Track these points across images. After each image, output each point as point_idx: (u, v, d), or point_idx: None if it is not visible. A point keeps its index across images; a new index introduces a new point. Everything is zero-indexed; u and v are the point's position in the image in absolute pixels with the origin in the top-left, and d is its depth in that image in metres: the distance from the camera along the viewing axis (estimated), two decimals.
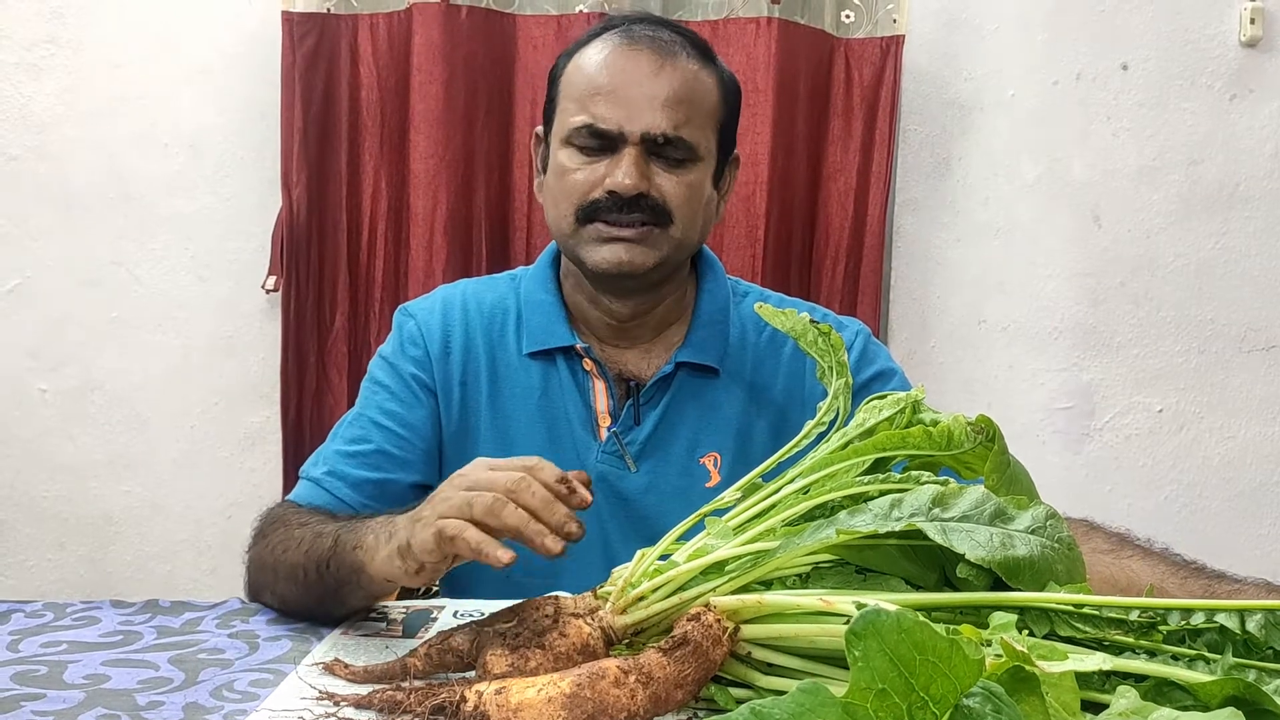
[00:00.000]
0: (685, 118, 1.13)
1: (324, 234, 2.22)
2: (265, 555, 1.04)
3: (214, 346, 2.32)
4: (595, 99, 1.13)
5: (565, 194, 1.15)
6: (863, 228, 2.25)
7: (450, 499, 0.82)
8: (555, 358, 1.22)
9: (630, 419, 1.20)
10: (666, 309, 1.23)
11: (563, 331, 1.21)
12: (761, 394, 1.23)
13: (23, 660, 0.87)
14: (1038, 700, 0.52)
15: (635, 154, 1.12)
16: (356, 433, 1.19)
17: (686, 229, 1.16)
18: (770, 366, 1.24)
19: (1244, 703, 0.56)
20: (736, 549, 0.80)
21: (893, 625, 0.49)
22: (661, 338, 1.24)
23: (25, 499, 2.32)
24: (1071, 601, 0.69)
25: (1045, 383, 2.36)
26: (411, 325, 1.24)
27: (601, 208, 1.13)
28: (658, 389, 1.21)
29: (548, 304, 1.23)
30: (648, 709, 0.71)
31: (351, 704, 0.75)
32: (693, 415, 1.21)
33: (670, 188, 1.14)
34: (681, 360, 1.21)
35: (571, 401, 1.21)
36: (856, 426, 0.89)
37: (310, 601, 0.97)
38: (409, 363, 1.22)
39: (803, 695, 0.46)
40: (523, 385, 1.22)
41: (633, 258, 1.14)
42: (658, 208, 1.13)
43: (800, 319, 1.00)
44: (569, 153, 1.15)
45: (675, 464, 1.20)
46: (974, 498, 0.78)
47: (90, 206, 2.28)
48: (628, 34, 1.16)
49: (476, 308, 1.25)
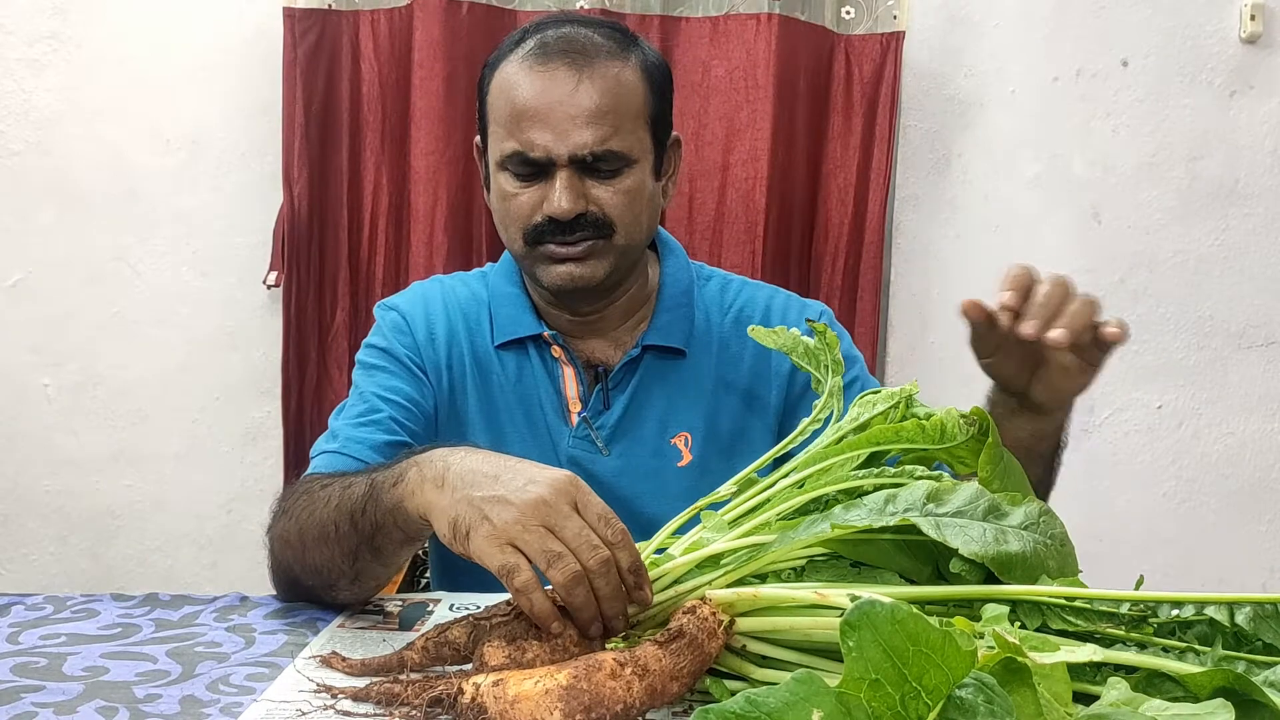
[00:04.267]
0: (612, 128, 1.12)
1: (325, 230, 2.23)
2: (289, 528, 1.01)
3: (215, 342, 2.32)
4: (520, 125, 1.12)
5: (511, 219, 1.16)
6: (863, 224, 2.26)
7: (527, 531, 0.78)
8: (526, 346, 1.23)
9: (599, 404, 1.22)
10: (628, 299, 1.25)
11: (529, 321, 1.23)
12: (729, 373, 1.25)
13: (23, 652, 0.87)
14: (1029, 691, 0.52)
15: (566, 176, 1.12)
16: (364, 407, 1.17)
17: (630, 234, 1.17)
18: (737, 345, 1.25)
19: (1234, 694, 0.57)
20: (732, 542, 0.81)
21: (887, 616, 0.49)
22: (626, 324, 1.26)
23: (28, 493, 2.33)
24: (1063, 595, 0.70)
25: None
26: (394, 315, 1.25)
27: (546, 230, 1.14)
28: (625, 373, 1.22)
29: (514, 296, 1.25)
30: (644, 701, 0.72)
31: (349, 697, 0.75)
32: (661, 397, 1.23)
33: (608, 199, 1.14)
34: (648, 344, 1.22)
35: (544, 388, 1.22)
36: (850, 421, 0.90)
37: (342, 559, 0.94)
38: (400, 347, 1.22)
39: (797, 685, 0.47)
40: (500, 374, 1.23)
41: (583, 273, 1.15)
42: (599, 222, 1.14)
43: (790, 335, 1.00)
44: (505, 177, 1.15)
45: (646, 445, 1.22)
46: (968, 494, 0.78)
47: (92, 202, 2.29)
48: (541, 49, 1.13)
49: (454, 299, 1.26)
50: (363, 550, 0.94)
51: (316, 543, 0.96)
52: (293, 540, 1.00)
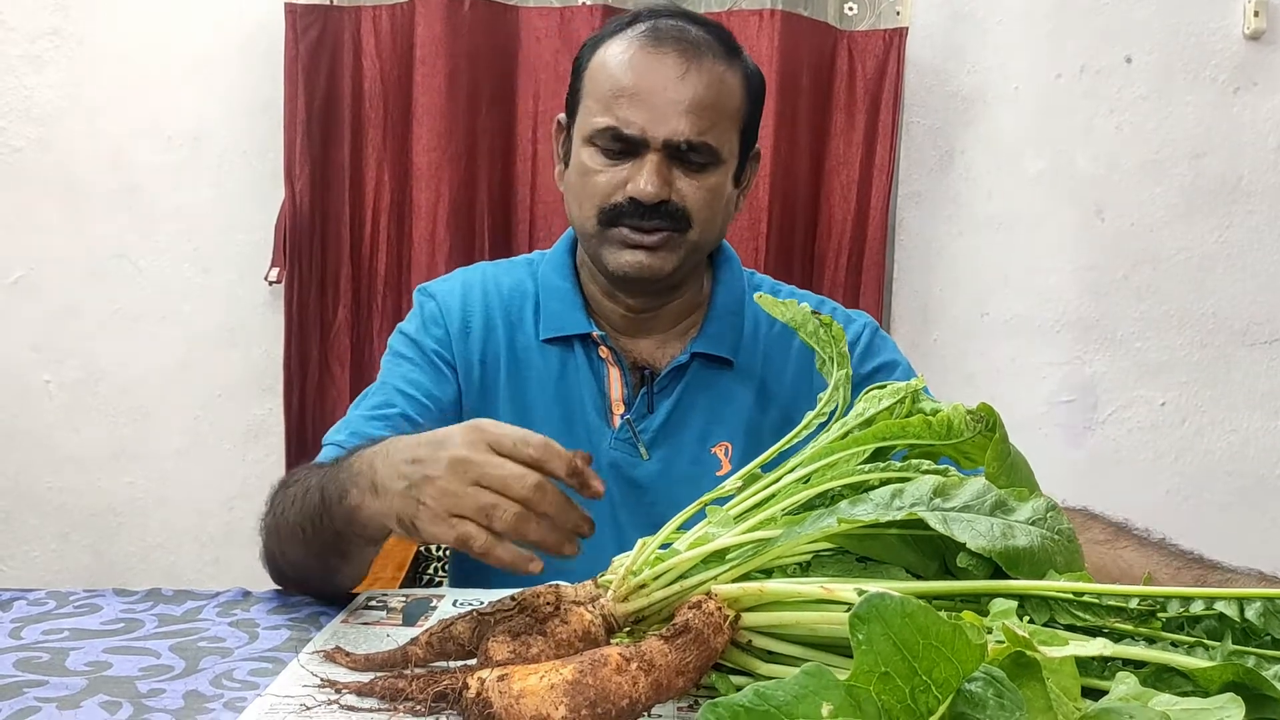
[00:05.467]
0: (710, 123, 1.12)
1: (326, 227, 2.23)
2: (271, 522, 1.03)
3: (217, 338, 2.32)
4: (619, 101, 1.11)
5: (588, 195, 1.15)
6: (865, 221, 2.25)
7: (460, 496, 0.80)
8: (572, 344, 1.22)
9: (644, 407, 1.21)
10: (682, 302, 1.24)
11: (579, 319, 1.22)
12: (771, 386, 1.24)
13: (25, 647, 0.87)
14: (1039, 685, 0.52)
15: (657, 160, 1.11)
16: (380, 399, 1.18)
17: (705, 232, 1.16)
18: (780, 359, 1.24)
19: (1243, 688, 0.56)
20: (737, 537, 0.80)
21: (897, 610, 0.49)
22: (677, 328, 1.25)
23: (29, 490, 2.33)
24: (1071, 589, 0.69)
25: (1048, 376, 2.36)
26: (432, 305, 1.25)
27: (624, 212, 1.13)
28: (672, 378, 1.21)
29: (565, 291, 1.23)
30: (649, 696, 0.71)
31: (353, 691, 0.75)
32: (705, 405, 1.22)
33: (691, 193, 1.13)
34: (696, 351, 1.22)
35: (587, 388, 1.21)
36: (856, 416, 0.89)
37: (314, 560, 0.97)
38: (431, 340, 1.22)
39: (806, 678, 0.46)
40: (540, 369, 1.22)
41: (652, 263, 1.14)
42: (678, 214, 1.13)
43: (801, 310, 1.00)
44: (591, 152, 1.14)
45: (687, 452, 1.21)
46: (975, 489, 0.78)
47: (93, 199, 2.28)
48: (654, 33, 1.13)
49: (496, 290, 1.25)
50: (329, 553, 0.96)
51: (290, 542, 0.99)
52: (273, 535, 1.03)
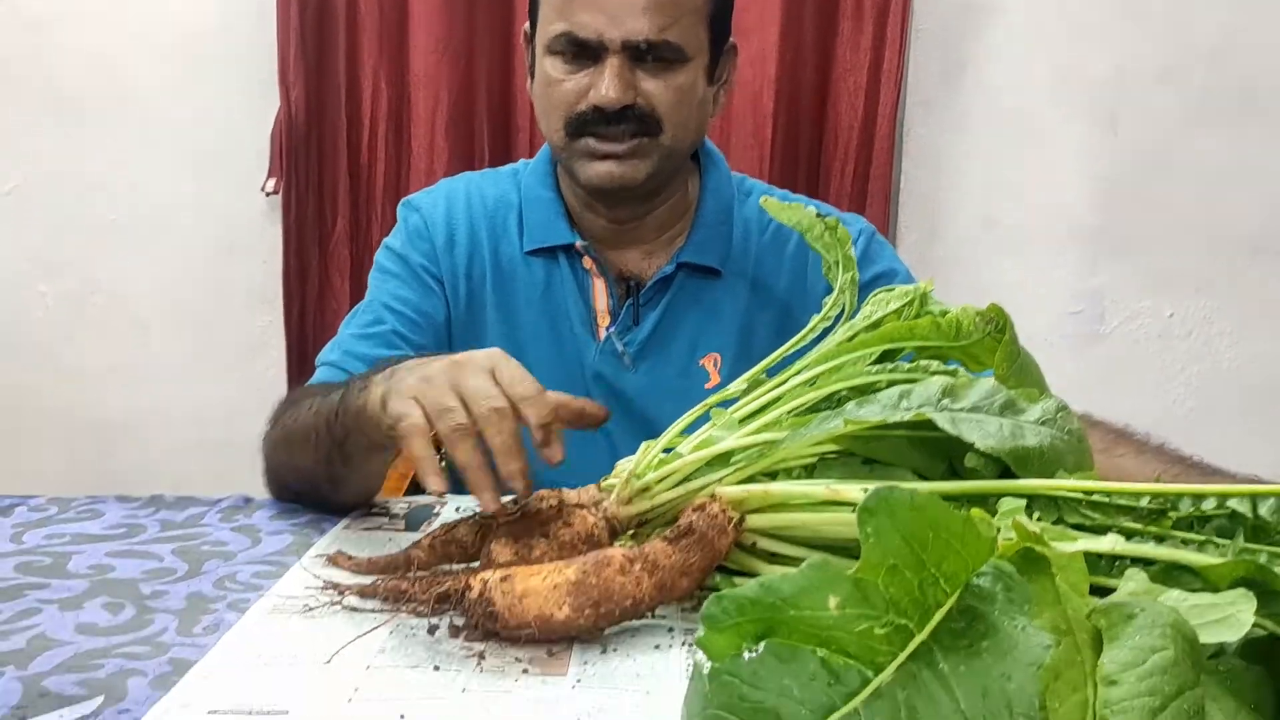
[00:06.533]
0: (670, 19, 1.06)
1: (323, 135, 2.19)
2: (278, 435, 1.02)
3: (215, 250, 2.30)
4: (572, 5, 1.06)
5: (553, 106, 1.11)
6: (873, 129, 2.21)
7: (432, 388, 0.78)
8: (557, 255, 1.20)
9: (629, 319, 1.19)
10: (667, 210, 1.21)
11: (562, 229, 1.19)
12: (764, 293, 1.21)
13: (26, 551, 0.87)
14: (1048, 580, 0.51)
15: (618, 64, 1.06)
16: (370, 317, 1.16)
17: (678, 135, 1.12)
18: (773, 264, 1.22)
19: (1254, 584, 0.55)
20: (742, 440, 0.79)
21: (906, 502, 0.48)
22: (663, 237, 1.22)
23: (31, 404, 2.33)
24: (1081, 489, 0.68)
25: (1056, 286, 2.34)
26: (416, 218, 1.22)
27: (589, 121, 1.09)
28: (657, 290, 1.19)
29: (547, 201, 1.21)
30: (653, 596, 0.71)
31: (355, 594, 0.74)
32: (693, 317, 1.20)
33: (659, 94, 1.09)
34: (683, 261, 1.19)
35: (572, 300, 1.19)
36: (863, 319, 0.88)
37: (320, 465, 0.95)
38: (416, 254, 1.20)
39: (812, 570, 0.45)
40: (526, 282, 1.20)
41: (624, 172, 1.11)
42: (646, 117, 1.09)
43: (807, 213, 0.98)
44: (552, 61, 1.10)
45: (674, 365, 1.19)
46: (984, 389, 0.76)
47: (86, 109, 2.24)
48: None
49: (480, 201, 1.23)
50: (335, 455, 0.93)
51: (299, 447, 0.97)
52: (280, 446, 1.01)
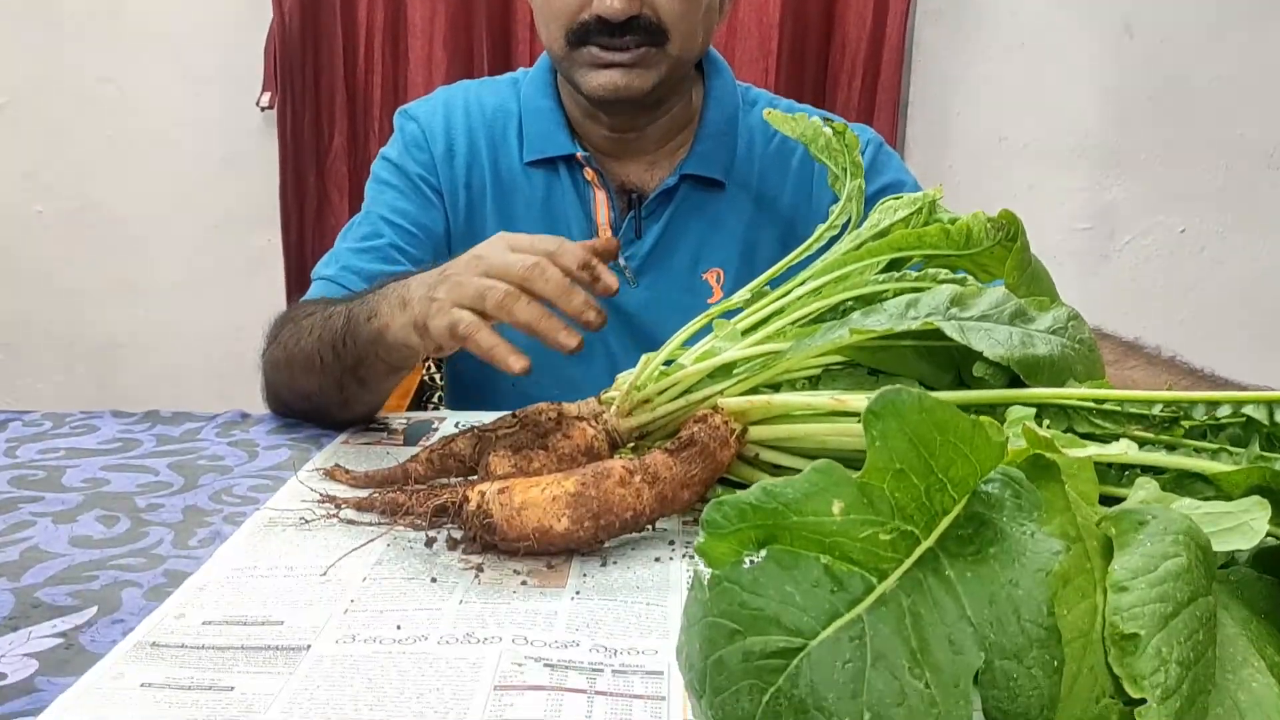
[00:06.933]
0: None
1: (319, 48, 2.14)
2: (278, 354, 0.99)
3: (211, 168, 2.26)
4: None
5: (553, 15, 1.07)
6: (881, 39, 2.15)
7: (464, 285, 0.76)
8: (557, 166, 1.17)
9: (631, 232, 1.16)
10: (669, 120, 1.17)
11: (563, 139, 1.16)
12: (768, 205, 1.19)
13: (20, 465, 0.86)
14: (1058, 487, 0.49)
15: None
16: (367, 230, 1.14)
17: (685, 44, 1.08)
18: (777, 176, 1.19)
19: (1269, 492, 0.54)
20: (745, 350, 0.78)
21: (914, 404, 0.46)
22: (665, 148, 1.19)
23: (29, 322, 2.32)
24: (1092, 397, 0.67)
25: (1066, 202, 2.30)
26: (413, 127, 1.19)
27: (592, 30, 1.05)
28: (660, 202, 1.16)
29: (547, 110, 1.17)
30: (654, 508, 0.70)
31: (352, 506, 0.73)
32: (696, 230, 1.17)
33: (665, 3, 1.05)
34: (686, 172, 1.16)
35: (573, 211, 1.17)
36: (870, 227, 0.85)
37: (330, 388, 0.93)
38: (414, 164, 1.17)
39: (816, 474, 0.44)
40: (526, 193, 1.17)
41: (629, 82, 1.07)
42: (652, 27, 1.05)
43: (811, 123, 0.95)
44: None
45: (677, 279, 1.17)
46: (994, 298, 0.75)
47: (78, 22, 2.19)
48: None
49: (479, 110, 1.19)
50: (348, 379, 0.92)
51: (304, 372, 0.95)
52: (281, 367, 0.99)
